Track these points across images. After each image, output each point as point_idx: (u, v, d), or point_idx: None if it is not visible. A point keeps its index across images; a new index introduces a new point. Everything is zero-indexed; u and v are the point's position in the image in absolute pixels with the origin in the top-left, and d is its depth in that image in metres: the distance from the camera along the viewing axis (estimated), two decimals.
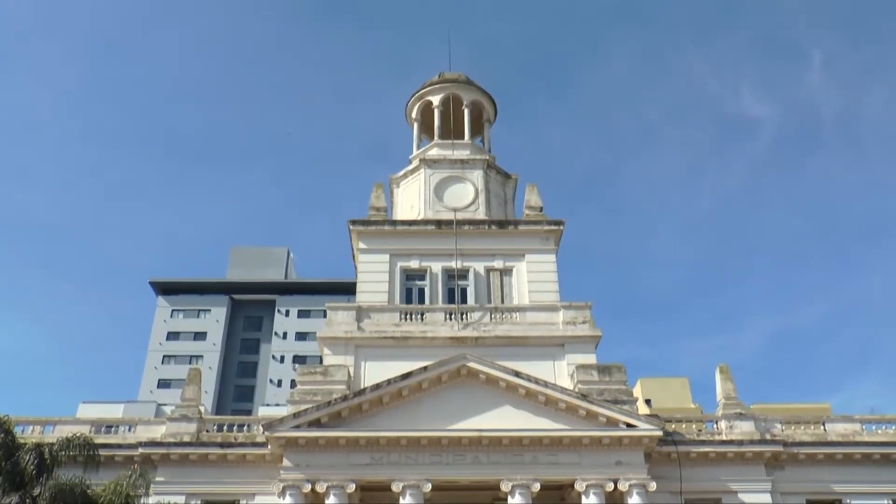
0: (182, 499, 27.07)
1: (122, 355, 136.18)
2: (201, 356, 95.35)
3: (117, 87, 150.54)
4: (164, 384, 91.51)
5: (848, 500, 30.13)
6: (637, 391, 51.76)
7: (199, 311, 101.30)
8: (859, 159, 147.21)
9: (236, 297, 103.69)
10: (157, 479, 28.43)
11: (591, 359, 31.86)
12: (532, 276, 34.77)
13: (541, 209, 37.12)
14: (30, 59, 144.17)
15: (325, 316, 33.98)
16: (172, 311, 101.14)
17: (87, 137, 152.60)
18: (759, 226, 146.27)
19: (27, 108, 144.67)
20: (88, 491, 21.87)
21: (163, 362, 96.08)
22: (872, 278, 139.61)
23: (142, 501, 23.37)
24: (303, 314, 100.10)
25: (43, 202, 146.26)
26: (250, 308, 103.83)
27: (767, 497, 29.69)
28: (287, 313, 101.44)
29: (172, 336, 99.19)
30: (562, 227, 35.93)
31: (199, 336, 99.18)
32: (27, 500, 20.49)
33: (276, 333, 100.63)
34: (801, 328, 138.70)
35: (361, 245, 35.71)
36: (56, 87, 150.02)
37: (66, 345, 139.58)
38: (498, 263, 35.29)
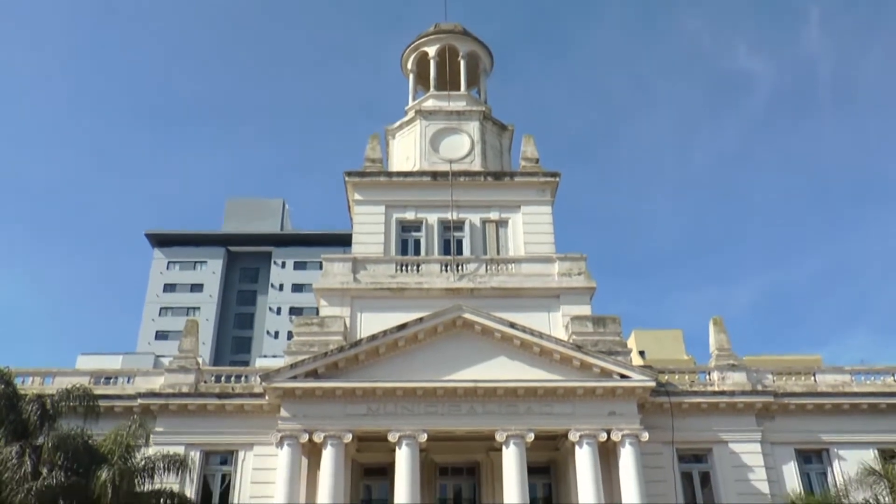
0: (181, 449, 27.26)
1: (120, 308, 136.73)
2: (198, 308, 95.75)
3: (109, 45, 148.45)
4: (161, 336, 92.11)
5: (835, 450, 30.47)
6: (631, 343, 52.22)
7: (196, 262, 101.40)
8: (854, 118, 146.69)
9: (232, 248, 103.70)
10: (157, 429, 28.72)
11: (585, 310, 31.99)
12: (528, 228, 34.69)
13: (537, 161, 36.88)
14: (20, 18, 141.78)
15: (321, 267, 33.97)
16: (168, 263, 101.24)
17: (79, 94, 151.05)
18: (753, 183, 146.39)
19: (16, 66, 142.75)
20: (90, 441, 22.12)
21: (160, 314, 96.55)
22: (864, 236, 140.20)
23: (142, 451, 23.64)
24: (299, 266, 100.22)
25: (36, 158, 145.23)
26: (246, 260, 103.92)
27: (757, 447, 30.03)
28: (283, 265, 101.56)
29: (169, 288, 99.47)
30: (557, 179, 35.76)
31: (196, 288, 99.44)
32: (28, 450, 20.70)
33: (272, 285, 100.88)
34: (793, 284, 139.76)
35: (357, 196, 35.58)
36: (47, 44, 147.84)
37: (63, 298, 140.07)
38: (493, 215, 35.19)
